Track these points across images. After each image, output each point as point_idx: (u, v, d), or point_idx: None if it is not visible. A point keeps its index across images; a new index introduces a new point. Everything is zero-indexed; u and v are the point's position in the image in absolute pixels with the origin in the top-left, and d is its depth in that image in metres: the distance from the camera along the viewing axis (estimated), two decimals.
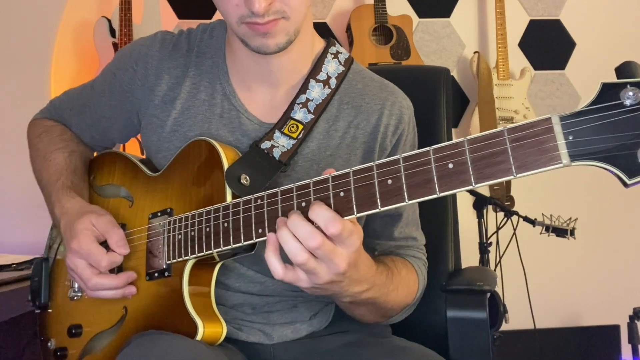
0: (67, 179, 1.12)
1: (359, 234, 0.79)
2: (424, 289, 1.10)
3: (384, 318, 1.05)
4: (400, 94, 1.11)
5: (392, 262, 1.03)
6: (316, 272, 0.78)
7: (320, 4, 2.80)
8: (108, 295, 1.00)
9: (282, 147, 1.01)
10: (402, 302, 1.02)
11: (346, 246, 0.78)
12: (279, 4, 0.91)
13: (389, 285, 0.95)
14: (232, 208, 0.89)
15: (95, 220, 1.01)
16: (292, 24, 0.94)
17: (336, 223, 0.75)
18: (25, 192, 2.16)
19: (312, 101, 1.04)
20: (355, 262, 0.81)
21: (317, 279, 0.79)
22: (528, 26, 2.91)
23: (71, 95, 1.25)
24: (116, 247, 1.00)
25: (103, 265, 0.98)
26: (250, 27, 0.93)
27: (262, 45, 0.95)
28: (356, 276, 0.84)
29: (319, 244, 0.76)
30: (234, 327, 1.05)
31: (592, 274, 2.84)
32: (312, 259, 0.77)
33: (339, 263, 0.78)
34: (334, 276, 0.79)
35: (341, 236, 0.76)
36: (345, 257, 0.78)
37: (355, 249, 0.79)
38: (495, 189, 2.68)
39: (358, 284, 0.86)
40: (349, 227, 0.77)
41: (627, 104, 0.59)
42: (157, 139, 1.09)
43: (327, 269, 0.79)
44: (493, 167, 0.66)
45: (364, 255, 0.85)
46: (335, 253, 0.77)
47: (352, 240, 0.78)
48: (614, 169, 0.60)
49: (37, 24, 2.66)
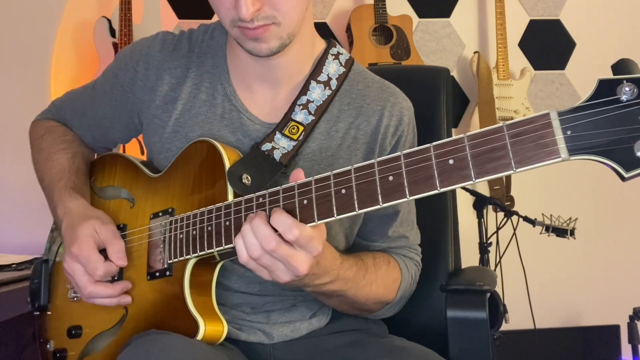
0: (70, 179, 1.12)
1: (320, 239, 0.83)
2: (409, 287, 1.11)
3: (360, 311, 1.08)
4: (400, 95, 1.11)
5: (372, 259, 1.05)
6: (272, 269, 0.84)
7: (320, 4, 2.80)
8: (103, 303, 1.00)
9: (282, 149, 1.01)
10: (378, 298, 1.05)
11: (306, 251, 0.82)
12: (269, 9, 0.91)
13: (360, 280, 0.99)
14: (234, 207, 0.89)
15: (98, 227, 1.02)
16: (284, 29, 0.94)
17: (294, 230, 0.80)
18: (25, 192, 2.17)
19: (312, 102, 1.04)
20: (317, 262, 0.85)
21: (275, 275, 0.85)
22: (528, 26, 2.92)
23: (72, 96, 1.25)
24: (115, 258, 1.00)
25: (98, 274, 0.98)
26: (242, 31, 0.94)
27: (254, 48, 0.96)
28: (317, 270, 0.88)
29: (273, 248, 0.81)
30: (234, 326, 1.05)
31: (592, 274, 2.84)
32: (266, 256, 0.83)
33: (298, 266, 0.82)
34: (294, 277, 0.84)
35: (299, 242, 0.81)
36: (306, 261, 0.83)
37: (317, 253, 0.83)
38: (495, 189, 2.68)
39: (319, 277, 0.90)
40: (308, 233, 0.81)
41: (624, 100, 0.61)
42: (159, 140, 1.09)
43: (286, 269, 0.84)
44: (493, 162, 0.67)
45: (327, 250, 0.89)
46: (293, 257, 0.82)
47: (313, 245, 0.82)
48: (612, 162, 0.62)
49: (37, 24, 2.66)
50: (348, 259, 0.97)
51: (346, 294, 0.99)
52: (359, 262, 1.01)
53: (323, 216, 0.80)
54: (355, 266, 0.98)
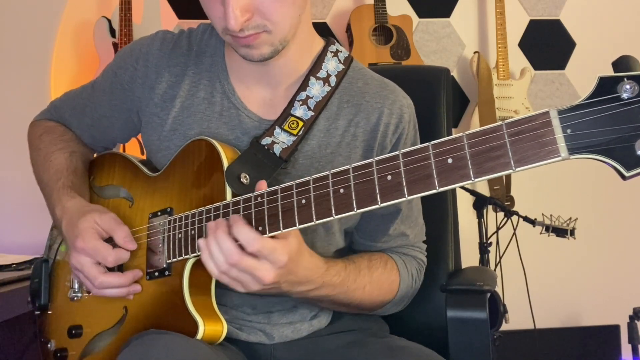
0: (68, 179, 1.12)
1: (284, 250, 0.84)
2: (410, 286, 1.11)
3: (359, 311, 1.09)
4: (400, 93, 1.11)
5: (367, 261, 1.06)
6: (241, 280, 0.86)
7: (320, 4, 2.80)
8: (113, 294, 1.00)
9: (282, 144, 1.01)
10: (373, 300, 1.06)
11: (270, 262, 0.84)
12: (259, 18, 0.91)
13: (350, 284, 1.00)
14: (232, 206, 0.89)
15: (98, 218, 1.02)
16: (275, 36, 0.94)
17: (255, 243, 0.82)
18: (25, 192, 2.16)
19: (312, 98, 1.04)
20: (288, 271, 0.86)
21: (246, 287, 0.86)
22: (528, 26, 2.91)
23: (72, 96, 1.25)
24: (123, 243, 1.00)
25: (110, 261, 0.98)
26: (233, 39, 0.94)
27: (246, 54, 0.96)
28: (296, 279, 0.90)
29: (236, 261, 0.83)
30: (235, 327, 1.05)
31: (592, 274, 2.84)
32: (234, 269, 0.84)
33: (262, 276, 0.84)
34: (264, 286, 0.86)
35: (261, 253, 0.83)
36: (271, 272, 0.84)
37: (282, 264, 0.84)
38: (495, 189, 2.68)
39: (300, 285, 0.92)
40: (269, 245, 0.83)
41: (625, 97, 0.60)
42: (157, 138, 1.09)
43: (253, 280, 0.85)
44: (492, 161, 0.67)
45: (306, 259, 0.90)
46: (257, 269, 0.84)
47: (276, 256, 0.83)
48: (612, 161, 0.61)
49: (37, 24, 2.66)
50: (335, 265, 0.98)
51: (336, 298, 0.99)
52: (350, 267, 1.01)
53: (321, 216, 0.80)
54: (344, 271, 0.99)
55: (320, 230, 1.06)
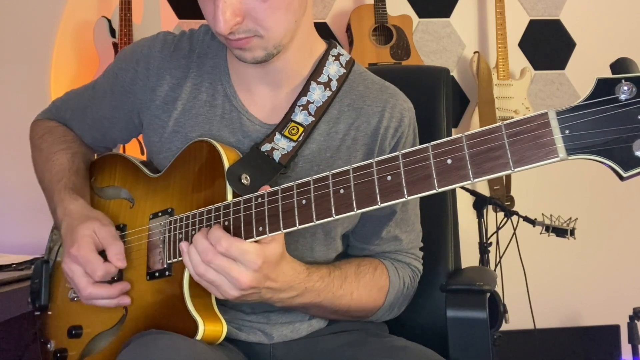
0: (70, 180, 1.12)
1: (257, 253, 0.84)
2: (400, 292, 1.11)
3: (350, 318, 1.09)
4: (401, 96, 1.11)
5: (356, 267, 1.06)
6: (217, 284, 0.86)
7: (320, 4, 2.80)
8: (102, 304, 1.00)
9: (282, 150, 1.01)
10: (362, 306, 1.05)
11: (243, 264, 0.84)
12: (250, 23, 0.90)
13: (336, 290, 1.00)
14: (233, 207, 0.89)
15: (97, 228, 1.02)
16: (268, 42, 0.93)
17: (223, 242, 0.84)
18: (25, 192, 2.16)
19: (312, 103, 1.04)
20: (265, 276, 0.87)
21: (224, 291, 0.87)
22: (528, 26, 2.92)
23: (73, 96, 1.25)
24: (115, 259, 1.00)
25: (98, 275, 0.98)
26: (226, 40, 0.94)
27: (239, 55, 0.96)
28: (275, 285, 0.90)
29: (210, 259, 0.85)
30: (234, 326, 1.05)
31: (592, 274, 2.84)
32: (211, 271, 0.86)
33: (237, 278, 0.84)
34: (241, 291, 0.86)
35: (231, 254, 0.84)
36: (245, 274, 0.85)
37: (256, 267, 0.84)
38: (495, 189, 2.68)
39: (282, 292, 0.92)
40: (241, 246, 0.84)
41: (622, 99, 0.61)
42: (159, 140, 1.09)
43: (229, 283, 0.86)
44: (491, 161, 0.67)
45: (286, 266, 0.91)
46: (230, 269, 0.85)
47: (247, 258, 0.84)
48: (610, 162, 0.61)
49: (37, 24, 2.66)
50: (318, 271, 0.98)
51: (322, 305, 0.99)
52: (335, 272, 1.01)
53: (322, 216, 0.80)
54: (327, 277, 0.99)
55: (319, 235, 1.06)
